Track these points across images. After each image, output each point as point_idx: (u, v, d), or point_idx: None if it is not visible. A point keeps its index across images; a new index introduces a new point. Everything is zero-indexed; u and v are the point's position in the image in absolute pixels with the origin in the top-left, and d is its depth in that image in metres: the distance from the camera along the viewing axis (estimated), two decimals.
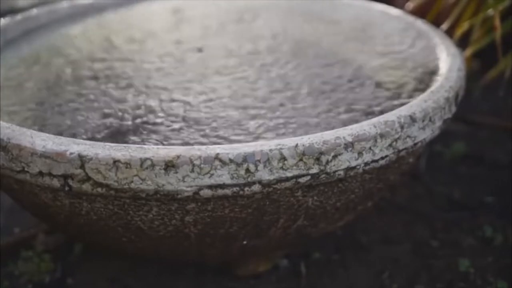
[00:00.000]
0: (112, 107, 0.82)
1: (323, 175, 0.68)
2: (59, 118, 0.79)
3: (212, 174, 0.65)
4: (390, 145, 0.71)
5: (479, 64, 1.27)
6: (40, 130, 0.74)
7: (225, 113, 0.79)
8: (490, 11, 1.01)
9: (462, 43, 1.05)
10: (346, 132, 0.68)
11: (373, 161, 0.70)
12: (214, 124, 0.77)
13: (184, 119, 0.78)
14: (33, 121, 0.78)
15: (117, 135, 0.76)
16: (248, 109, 0.80)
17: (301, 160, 0.66)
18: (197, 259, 0.84)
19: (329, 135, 0.68)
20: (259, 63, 0.93)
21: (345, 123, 0.76)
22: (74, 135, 0.75)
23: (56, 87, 0.87)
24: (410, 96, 0.81)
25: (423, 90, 0.81)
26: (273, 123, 0.77)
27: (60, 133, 0.75)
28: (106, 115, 0.80)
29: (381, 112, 0.78)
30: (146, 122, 0.78)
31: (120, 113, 0.80)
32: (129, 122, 0.78)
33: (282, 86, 0.86)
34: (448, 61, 0.85)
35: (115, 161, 0.65)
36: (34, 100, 0.84)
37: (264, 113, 0.79)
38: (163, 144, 0.73)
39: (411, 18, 1.01)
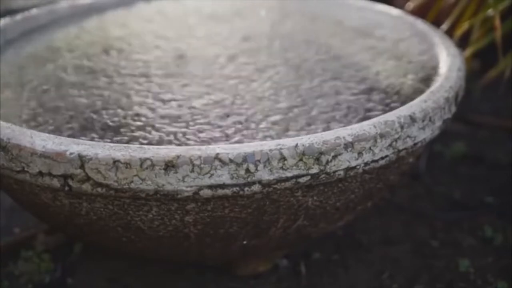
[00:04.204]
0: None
1: (323, 175, 0.68)
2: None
3: (212, 174, 0.65)
4: (390, 145, 0.71)
5: (479, 64, 1.27)
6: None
7: None
8: (490, 11, 1.01)
9: (462, 43, 1.05)
10: (346, 132, 0.68)
11: (373, 161, 0.70)
12: None
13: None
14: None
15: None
16: None
17: (301, 160, 0.66)
18: (197, 259, 0.84)
19: (329, 135, 0.68)
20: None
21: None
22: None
23: (56, 88, 0.87)
24: (410, 96, 0.81)
25: (423, 90, 0.80)
26: None
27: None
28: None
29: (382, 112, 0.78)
30: None
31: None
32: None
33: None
34: (448, 61, 0.85)
35: (115, 161, 0.65)
36: (32, 103, 0.84)
37: None
38: None
39: (411, 18, 1.01)
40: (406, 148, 0.73)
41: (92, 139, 0.74)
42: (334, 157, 0.67)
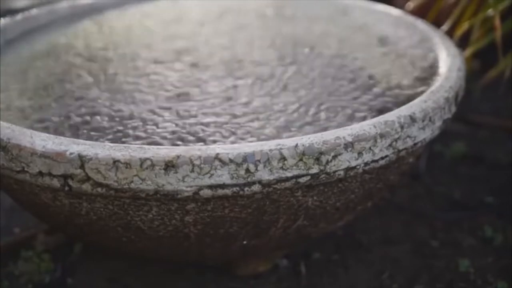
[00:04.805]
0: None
1: (323, 175, 0.68)
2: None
3: (212, 174, 0.65)
4: (390, 145, 0.71)
5: (479, 64, 1.27)
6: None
7: None
8: (490, 11, 1.01)
9: (462, 43, 1.05)
10: (346, 132, 0.68)
11: (373, 161, 0.70)
12: None
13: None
14: None
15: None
16: None
17: (301, 160, 0.66)
18: (197, 259, 0.84)
19: (329, 135, 0.68)
20: None
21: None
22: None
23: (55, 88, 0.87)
24: (410, 96, 0.81)
25: (423, 90, 0.80)
26: None
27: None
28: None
29: (381, 112, 0.78)
30: None
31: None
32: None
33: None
34: (448, 61, 0.85)
35: (115, 161, 0.65)
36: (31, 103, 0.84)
37: None
38: None
39: (411, 18, 1.01)
40: (406, 148, 0.73)
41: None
42: (334, 157, 0.67)
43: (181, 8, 1.14)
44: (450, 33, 1.04)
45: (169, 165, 0.64)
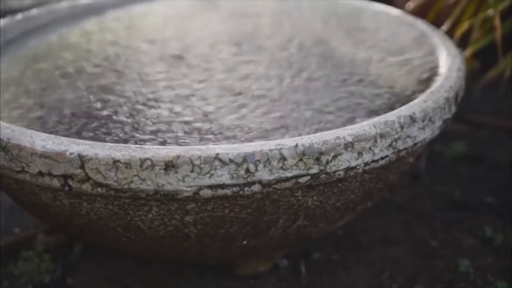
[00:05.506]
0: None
1: (323, 175, 0.68)
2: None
3: (212, 174, 0.65)
4: (390, 145, 0.71)
5: (479, 64, 1.27)
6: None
7: None
8: (490, 11, 1.02)
9: (462, 43, 1.05)
10: (346, 132, 0.68)
11: (373, 161, 0.70)
12: None
13: None
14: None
15: None
16: None
17: (301, 160, 0.66)
18: (197, 259, 0.84)
19: (329, 135, 0.68)
20: None
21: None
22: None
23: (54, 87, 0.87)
24: (410, 96, 0.81)
25: (423, 90, 0.80)
26: None
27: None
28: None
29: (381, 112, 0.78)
30: None
31: None
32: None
33: None
34: (448, 61, 0.85)
35: (115, 161, 0.65)
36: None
37: None
38: None
39: (411, 18, 1.01)
40: (406, 148, 0.73)
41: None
42: (334, 157, 0.67)
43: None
44: (450, 33, 1.04)
45: (169, 165, 0.64)
